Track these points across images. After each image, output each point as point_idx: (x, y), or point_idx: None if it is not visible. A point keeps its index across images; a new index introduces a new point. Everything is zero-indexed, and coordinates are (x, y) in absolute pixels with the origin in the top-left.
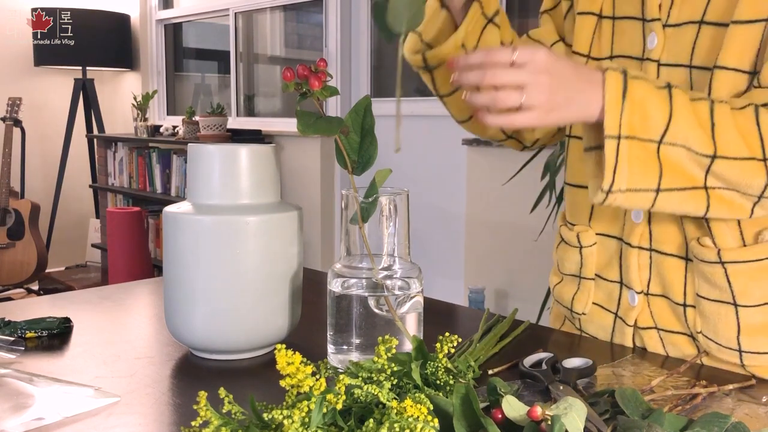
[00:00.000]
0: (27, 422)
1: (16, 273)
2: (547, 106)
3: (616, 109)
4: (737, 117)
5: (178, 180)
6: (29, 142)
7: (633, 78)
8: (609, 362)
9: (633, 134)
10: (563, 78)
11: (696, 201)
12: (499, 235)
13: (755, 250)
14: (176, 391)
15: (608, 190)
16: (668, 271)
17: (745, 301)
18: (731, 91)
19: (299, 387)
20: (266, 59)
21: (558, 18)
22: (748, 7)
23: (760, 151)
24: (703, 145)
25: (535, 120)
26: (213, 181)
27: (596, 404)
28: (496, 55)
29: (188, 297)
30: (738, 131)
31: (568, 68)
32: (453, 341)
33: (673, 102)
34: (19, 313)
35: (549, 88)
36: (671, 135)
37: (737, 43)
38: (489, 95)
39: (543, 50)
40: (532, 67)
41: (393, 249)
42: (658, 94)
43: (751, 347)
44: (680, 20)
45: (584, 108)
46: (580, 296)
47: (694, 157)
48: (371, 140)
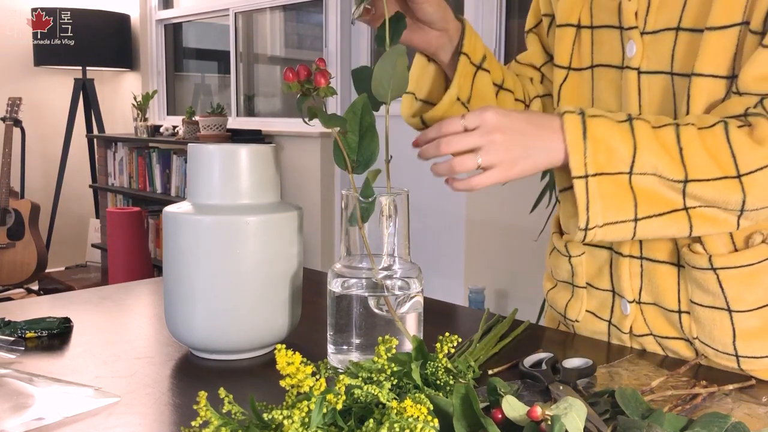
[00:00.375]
0: (27, 422)
1: (16, 273)
2: (508, 162)
3: (579, 149)
4: (705, 137)
5: (178, 180)
6: (29, 142)
7: (591, 117)
8: (609, 362)
9: (600, 170)
10: (517, 131)
11: (678, 223)
12: (499, 235)
13: (746, 254)
14: (176, 391)
15: (585, 228)
16: (660, 279)
17: (738, 306)
18: (709, 98)
19: (299, 387)
20: (266, 59)
21: (543, 35)
22: (721, 12)
23: (733, 168)
24: (672, 171)
25: (499, 177)
26: (213, 181)
27: (596, 404)
28: (447, 126)
29: (188, 297)
30: (707, 152)
31: (520, 120)
32: (453, 341)
33: (635, 133)
34: (19, 313)
35: (503, 145)
36: (639, 165)
37: (712, 50)
38: (448, 164)
39: (490, 110)
40: (483, 129)
41: (393, 249)
42: (619, 127)
43: (748, 352)
44: (657, 27)
45: (548, 154)
46: (574, 303)
47: (666, 183)
48: (372, 137)
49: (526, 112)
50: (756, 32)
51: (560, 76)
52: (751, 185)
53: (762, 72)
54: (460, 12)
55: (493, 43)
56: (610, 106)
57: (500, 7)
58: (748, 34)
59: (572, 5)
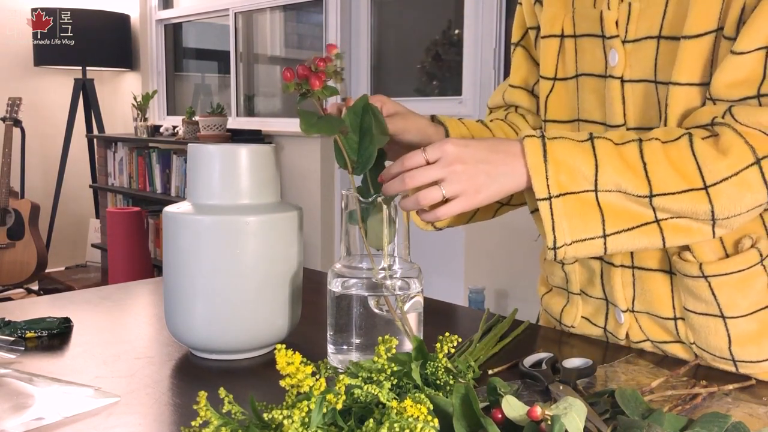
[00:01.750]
0: (27, 422)
1: (16, 273)
2: (472, 190)
3: (541, 172)
4: (670, 151)
5: (178, 180)
6: (29, 142)
7: (551, 139)
8: (609, 362)
9: (564, 191)
10: (478, 159)
11: (649, 236)
12: (499, 235)
13: (736, 260)
14: (176, 391)
15: (554, 247)
16: (653, 287)
17: (732, 313)
18: (686, 106)
19: (299, 387)
20: (266, 59)
21: (531, 47)
22: (696, 20)
23: (699, 179)
24: (636, 187)
25: (465, 205)
26: (213, 181)
27: (596, 404)
28: (410, 160)
29: (188, 297)
30: (672, 166)
31: (480, 149)
32: (453, 341)
33: (597, 151)
34: (19, 313)
35: (465, 174)
36: (602, 183)
37: (688, 58)
38: (414, 197)
39: (450, 141)
40: (444, 161)
41: (393, 249)
42: (580, 147)
43: (745, 356)
44: (638, 36)
45: (511, 179)
46: (570, 309)
47: (631, 198)
48: (371, 139)
49: (487, 140)
50: (729, 38)
51: (546, 88)
52: (717, 196)
53: (731, 78)
54: (460, 11)
55: (493, 43)
56: (595, 115)
57: (500, 7)
58: (723, 41)
59: (555, 16)
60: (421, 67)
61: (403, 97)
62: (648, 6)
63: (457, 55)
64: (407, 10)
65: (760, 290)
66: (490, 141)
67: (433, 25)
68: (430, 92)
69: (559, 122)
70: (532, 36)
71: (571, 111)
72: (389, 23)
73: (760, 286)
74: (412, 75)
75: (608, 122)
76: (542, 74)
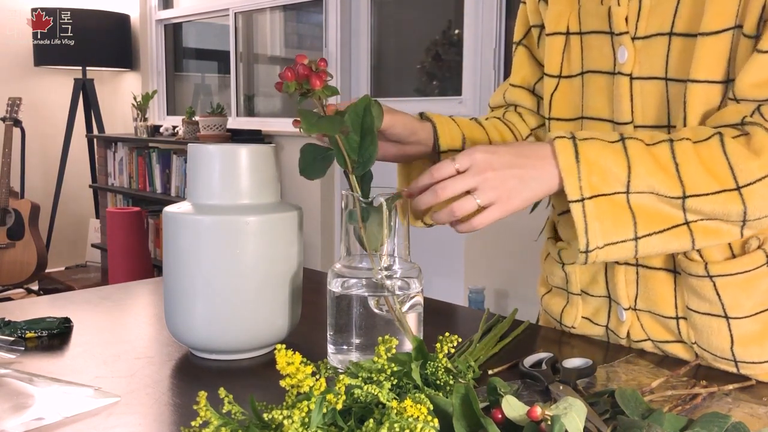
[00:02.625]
0: (27, 422)
1: (16, 273)
2: (505, 196)
3: (573, 174)
4: (701, 151)
5: (178, 180)
6: (29, 142)
7: (582, 140)
8: (609, 362)
9: (596, 192)
10: (508, 165)
11: (680, 238)
12: (499, 235)
13: (743, 261)
14: (176, 391)
15: (586, 251)
16: (657, 286)
17: (735, 313)
18: (706, 104)
19: (299, 387)
20: (266, 59)
21: (534, 47)
22: (714, 17)
23: (732, 180)
24: (669, 188)
25: (500, 212)
26: (213, 181)
27: (596, 404)
28: (439, 171)
29: (188, 297)
30: (704, 166)
31: (509, 154)
32: (453, 341)
33: (628, 153)
34: (19, 313)
35: (497, 180)
36: (634, 185)
37: (706, 56)
38: (448, 209)
39: (479, 149)
40: (475, 169)
41: (393, 249)
42: (611, 148)
43: (746, 357)
44: (649, 32)
45: (543, 182)
46: (569, 310)
47: (664, 200)
48: (371, 139)
49: (516, 145)
50: (749, 36)
51: (551, 86)
52: (750, 196)
53: (758, 78)
54: (460, 11)
55: (493, 43)
56: (602, 112)
57: (500, 7)
58: (742, 38)
59: (560, 13)
60: (421, 67)
61: (403, 97)
62: (659, 3)
63: (457, 55)
64: (407, 10)
65: (764, 291)
66: (517, 145)
67: (433, 25)
68: (430, 92)
69: (564, 120)
70: (535, 34)
71: (575, 109)
72: (389, 23)
73: (765, 287)
74: (412, 75)
75: (616, 119)
76: (547, 72)
